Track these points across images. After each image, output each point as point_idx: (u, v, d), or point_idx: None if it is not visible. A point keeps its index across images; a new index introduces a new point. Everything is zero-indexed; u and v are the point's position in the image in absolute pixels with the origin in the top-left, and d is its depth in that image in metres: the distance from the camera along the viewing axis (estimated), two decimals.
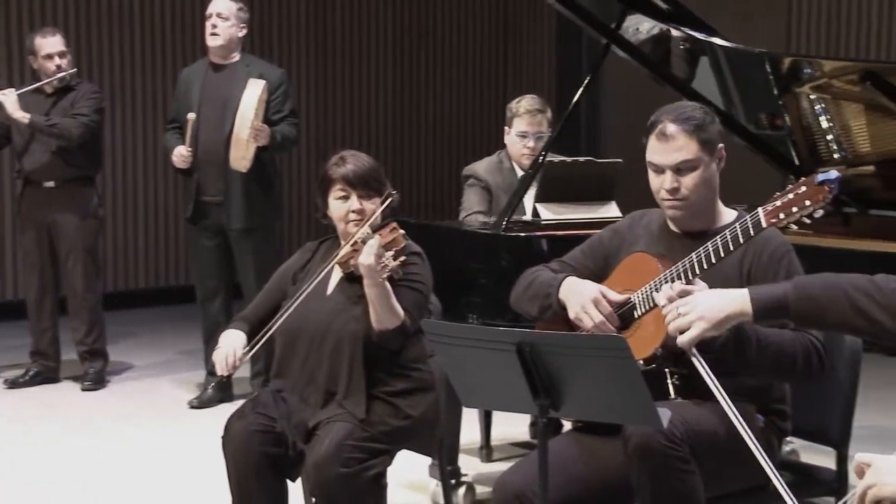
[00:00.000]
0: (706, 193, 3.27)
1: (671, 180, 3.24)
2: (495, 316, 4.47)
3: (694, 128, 3.24)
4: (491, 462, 5.24)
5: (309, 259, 3.87)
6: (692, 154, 3.23)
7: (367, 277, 3.53)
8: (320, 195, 3.80)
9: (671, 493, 3.00)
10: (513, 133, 5.20)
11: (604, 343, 2.80)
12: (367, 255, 3.49)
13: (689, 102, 3.38)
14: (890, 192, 5.19)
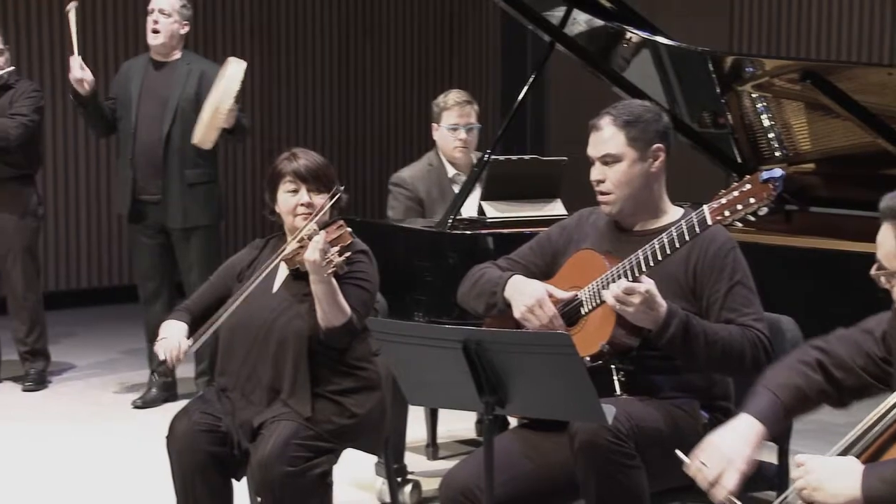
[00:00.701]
0: (634, 191, 3.29)
1: (598, 171, 3.31)
2: (441, 314, 4.47)
3: (624, 123, 3.27)
4: (437, 460, 5.24)
5: (256, 256, 3.85)
6: (617, 148, 3.27)
7: (312, 273, 3.52)
8: (269, 190, 3.78)
9: (616, 489, 3.02)
10: (442, 128, 5.22)
11: (549, 340, 2.81)
12: (313, 250, 3.49)
13: (641, 101, 3.41)
14: (830, 190, 5.25)
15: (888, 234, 2.39)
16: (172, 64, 6.11)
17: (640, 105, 3.35)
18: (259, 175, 9.59)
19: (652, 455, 3.07)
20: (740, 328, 3.15)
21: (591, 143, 3.32)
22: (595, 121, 3.32)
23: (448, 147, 5.22)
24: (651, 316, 3.07)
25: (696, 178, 5.83)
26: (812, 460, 2.35)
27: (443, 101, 5.26)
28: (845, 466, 2.30)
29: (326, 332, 3.57)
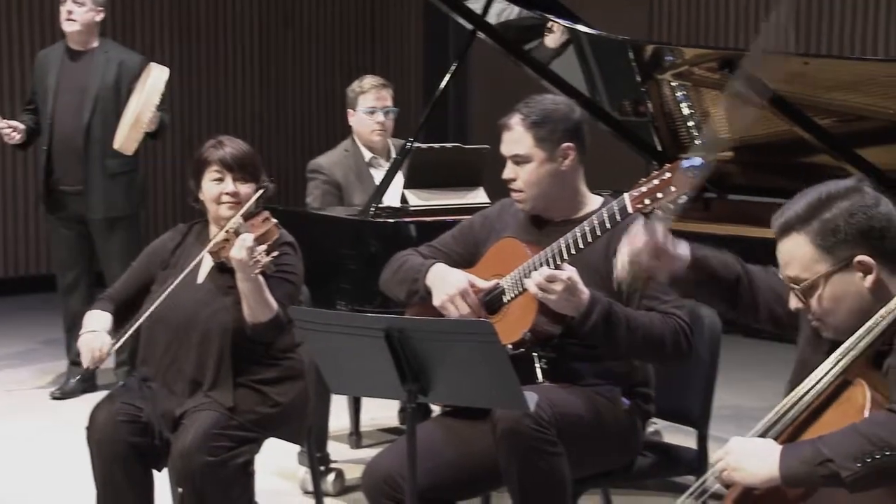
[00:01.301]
0: (545, 189, 3.32)
1: (509, 170, 3.33)
2: (364, 302, 4.47)
3: (532, 123, 3.28)
4: (360, 448, 5.24)
5: (179, 243, 3.81)
6: (525, 149, 3.29)
7: (239, 271, 3.50)
8: (194, 178, 3.74)
9: (539, 476, 3.04)
10: (359, 112, 5.21)
11: (471, 328, 2.81)
12: (239, 249, 3.45)
13: (553, 96, 3.41)
14: (748, 178, 5.31)
15: (799, 243, 2.40)
16: (90, 53, 6.03)
17: (551, 102, 3.36)
18: (179, 164, 9.50)
19: (574, 441, 3.10)
20: (661, 315, 3.19)
21: (503, 141, 3.34)
22: (505, 120, 3.34)
23: (366, 131, 5.21)
24: (573, 303, 3.09)
25: (617, 167, 5.86)
26: (733, 441, 2.38)
27: (358, 86, 5.25)
28: (764, 447, 2.34)
29: (253, 327, 3.54)
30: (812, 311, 2.42)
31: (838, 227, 2.36)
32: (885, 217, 2.38)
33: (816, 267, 2.39)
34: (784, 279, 2.45)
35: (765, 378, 6.22)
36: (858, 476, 2.19)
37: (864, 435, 2.19)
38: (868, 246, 2.36)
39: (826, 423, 2.33)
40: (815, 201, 2.40)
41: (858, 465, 2.18)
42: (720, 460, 2.40)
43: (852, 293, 2.37)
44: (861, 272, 2.36)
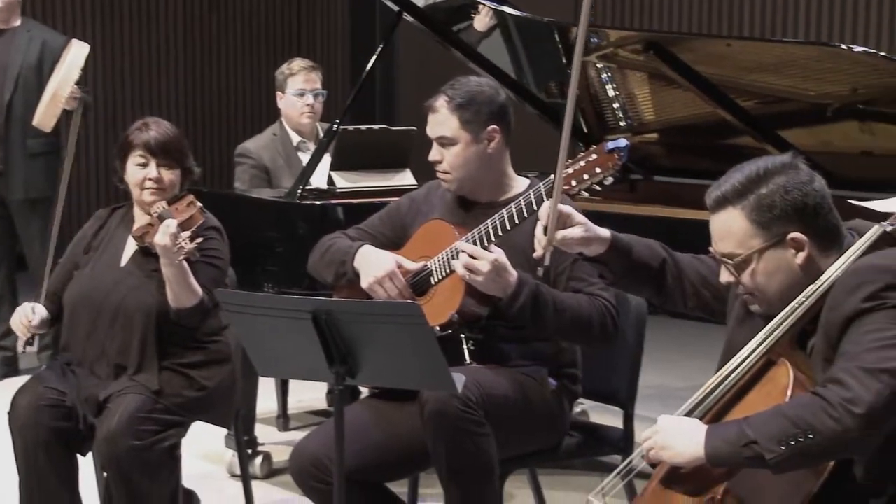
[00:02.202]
0: (471, 171, 3.32)
1: (435, 152, 3.34)
2: (292, 284, 4.45)
3: (457, 106, 3.28)
4: (288, 431, 5.23)
5: (101, 226, 3.77)
6: (450, 131, 3.29)
7: (162, 257, 3.46)
8: (119, 159, 3.70)
9: (466, 457, 3.05)
10: (288, 94, 5.19)
11: (399, 310, 2.81)
12: (163, 235, 3.42)
13: (478, 78, 3.40)
14: (672, 159, 5.36)
15: (734, 217, 2.40)
16: (12, 31, 5.94)
17: (476, 84, 3.35)
18: (102, 145, 9.39)
19: (501, 422, 3.11)
20: (588, 297, 3.20)
21: (429, 123, 3.34)
22: (431, 101, 3.34)
23: (295, 114, 5.19)
24: (501, 285, 3.10)
25: (543, 148, 5.87)
26: (661, 420, 2.41)
27: (287, 69, 5.23)
28: (691, 427, 2.36)
29: (177, 312, 3.51)
30: (744, 285, 2.43)
31: (774, 202, 2.37)
32: (818, 194, 2.40)
33: (751, 242, 2.40)
34: (716, 254, 2.47)
35: (690, 358, 6.31)
36: (782, 458, 2.21)
37: (789, 417, 2.22)
38: (801, 223, 2.38)
39: (750, 402, 2.36)
40: (753, 176, 2.40)
41: (782, 448, 2.20)
42: (647, 439, 2.42)
43: (784, 269, 2.39)
44: (794, 249, 2.38)
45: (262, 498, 4.28)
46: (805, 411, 2.21)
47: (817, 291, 2.35)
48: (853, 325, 2.25)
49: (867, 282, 2.26)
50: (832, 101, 4.63)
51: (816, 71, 4.58)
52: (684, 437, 2.35)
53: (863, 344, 2.21)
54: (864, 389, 2.17)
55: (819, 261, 2.38)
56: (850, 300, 2.26)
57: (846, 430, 2.17)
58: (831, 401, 2.18)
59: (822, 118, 4.69)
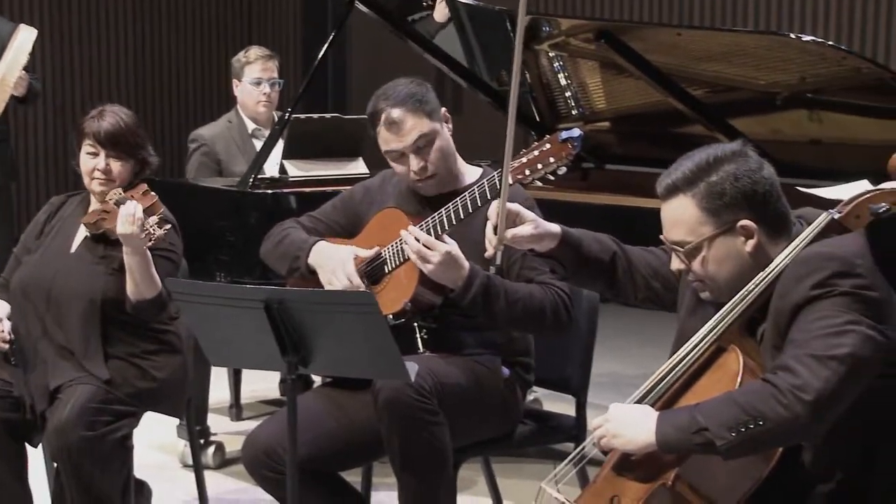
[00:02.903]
0: (448, 160, 3.32)
1: (416, 161, 3.27)
2: (244, 274, 4.43)
3: (417, 104, 3.26)
4: (241, 420, 5.22)
5: (53, 213, 3.74)
6: (426, 128, 3.26)
7: (127, 245, 3.42)
8: (76, 145, 3.66)
9: (420, 446, 3.06)
10: (245, 83, 5.17)
11: (351, 299, 2.81)
12: (128, 224, 3.38)
13: (399, 80, 3.35)
14: (624, 147, 5.39)
15: (685, 205, 2.41)
16: None
17: (406, 83, 3.31)
18: (52, 133, 9.31)
19: (455, 411, 3.11)
20: (541, 287, 3.21)
21: (396, 137, 3.25)
22: (385, 117, 3.25)
23: (251, 102, 5.17)
24: (453, 276, 3.10)
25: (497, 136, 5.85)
26: (612, 408, 2.42)
27: (244, 57, 5.21)
28: (641, 414, 2.38)
29: (136, 305, 3.48)
30: (694, 273, 2.45)
31: (724, 190, 2.39)
32: (768, 182, 2.42)
33: (701, 229, 2.41)
34: (667, 242, 2.48)
35: (642, 346, 6.34)
36: (732, 445, 2.23)
37: (739, 404, 2.23)
38: (751, 210, 2.39)
39: (701, 388, 2.38)
40: (703, 163, 2.42)
41: (733, 435, 2.22)
42: (598, 427, 2.43)
43: (734, 256, 2.41)
44: (743, 236, 2.40)
45: (214, 488, 4.26)
46: (755, 398, 2.23)
47: (766, 279, 2.37)
48: (802, 312, 2.27)
49: (816, 270, 2.28)
50: (781, 90, 4.66)
51: (765, 60, 4.62)
52: (635, 424, 2.36)
53: (811, 331, 2.23)
54: (813, 376, 2.19)
55: (768, 248, 2.40)
56: (798, 288, 2.28)
57: (795, 416, 2.19)
58: (781, 388, 2.20)
59: (772, 107, 4.72)
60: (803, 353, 2.22)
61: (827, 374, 2.20)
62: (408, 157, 3.27)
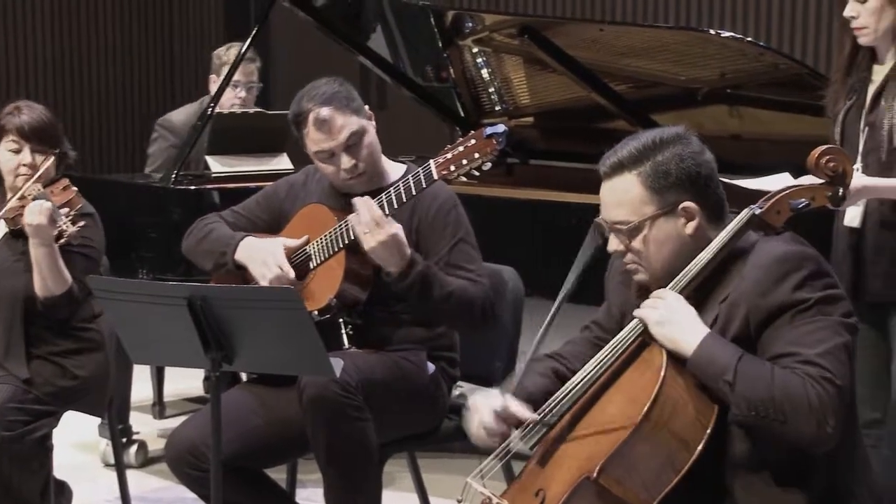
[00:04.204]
0: (376, 157, 3.32)
1: (348, 160, 3.25)
2: (167, 271, 4.40)
3: (344, 102, 3.25)
4: (164, 419, 5.17)
5: None
6: (356, 126, 3.25)
7: (33, 237, 3.38)
8: None
9: (346, 441, 3.05)
10: (221, 82, 5.10)
11: (275, 295, 2.80)
12: (35, 214, 3.33)
13: (319, 81, 3.34)
14: (548, 143, 5.41)
15: (630, 183, 2.41)
16: None
17: (328, 82, 3.29)
18: None
19: (380, 406, 3.11)
20: (470, 282, 3.22)
21: (326, 137, 3.23)
22: (313, 117, 3.23)
23: (225, 103, 5.09)
24: (395, 258, 3.09)
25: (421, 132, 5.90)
26: (672, 296, 2.38)
27: (225, 56, 5.10)
28: (694, 319, 2.35)
29: (45, 301, 3.44)
30: (634, 252, 2.45)
31: (669, 170, 2.40)
32: (709, 165, 2.43)
33: (644, 209, 2.41)
34: (606, 222, 2.47)
35: (566, 339, 6.37)
36: (744, 419, 2.26)
37: (773, 393, 2.23)
38: (694, 192, 2.41)
39: (626, 382, 2.39)
40: (649, 143, 2.42)
41: (752, 413, 2.25)
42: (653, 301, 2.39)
43: (674, 238, 2.42)
44: (685, 218, 2.41)
45: (136, 487, 4.22)
46: (788, 401, 2.23)
47: (692, 273, 2.39)
48: (787, 317, 2.29)
49: (794, 269, 2.31)
50: (702, 86, 4.72)
51: (686, 56, 4.67)
52: (686, 323, 2.34)
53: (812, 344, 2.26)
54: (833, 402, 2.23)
55: (708, 232, 2.42)
56: (781, 288, 2.30)
57: (815, 436, 2.23)
58: (815, 408, 2.22)
59: (693, 102, 4.78)
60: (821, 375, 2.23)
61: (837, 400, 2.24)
62: (338, 156, 3.25)
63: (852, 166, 2.53)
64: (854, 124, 3.47)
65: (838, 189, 2.47)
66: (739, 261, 2.39)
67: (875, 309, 3.43)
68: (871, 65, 3.47)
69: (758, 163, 4.46)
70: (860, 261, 3.45)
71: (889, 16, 3.37)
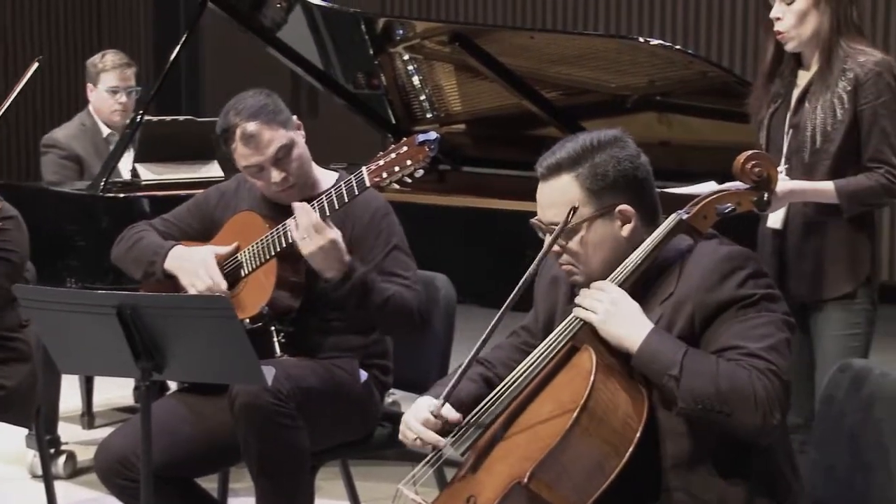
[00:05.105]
0: (306, 167, 3.31)
1: (277, 173, 3.24)
2: (96, 279, 4.36)
3: (271, 115, 3.24)
4: (93, 429, 5.12)
5: None
6: (284, 139, 3.24)
7: None
8: None
9: (278, 450, 3.04)
10: (100, 89, 5.09)
11: (207, 303, 2.78)
12: None
13: (246, 93, 3.32)
14: (479, 150, 5.43)
15: (568, 184, 2.42)
16: None
17: (254, 95, 3.28)
18: None
19: (312, 414, 3.10)
20: (406, 287, 3.22)
21: (253, 151, 3.21)
22: (240, 132, 3.21)
23: (106, 110, 5.09)
24: (333, 263, 3.08)
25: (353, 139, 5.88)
26: (617, 291, 2.38)
27: (101, 63, 5.12)
28: (639, 314, 2.36)
29: None
30: (570, 253, 2.46)
31: (607, 172, 2.41)
32: (645, 168, 2.46)
33: (582, 210, 2.42)
34: (542, 223, 2.47)
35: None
36: (690, 412, 2.28)
37: (718, 387, 2.25)
38: (631, 195, 2.43)
39: (556, 387, 2.41)
40: (587, 145, 2.44)
41: (699, 407, 2.26)
42: (595, 293, 2.39)
43: (609, 240, 2.43)
44: (621, 221, 2.43)
45: (65, 498, 4.18)
46: (733, 394, 2.25)
47: (620, 278, 2.41)
48: (731, 312, 2.32)
49: (739, 267, 2.34)
50: (631, 93, 4.76)
51: (616, 63, 4.71)
52: (630, 318, 2.35)
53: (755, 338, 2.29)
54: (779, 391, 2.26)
55: (643, 235, 2.44)
56: (726, 285, 2.33)
57: (760, 428, 2.25)
58: (760, 400, 2.24)
59: (623, 109, 4.82)
60: (767, 368, 2.26)
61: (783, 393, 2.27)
62: (267, 170, 3.24)
63: (777, 171, 2.56)
64: (779, 127, 3.52)
65: (763, 194, 2.51)
66: (678, 263, 2.41)
67: (797, 311, 3.49)
68: (796, 71, 3.52)
69: (686, 169, 4.51)
70: (783, 263, 3.50)
71: (813, 21, 3.42)
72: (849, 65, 3.39)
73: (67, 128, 5.14)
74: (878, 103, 3.38)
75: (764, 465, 2.38)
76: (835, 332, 3.48)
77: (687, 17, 8.21)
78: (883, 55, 3.45)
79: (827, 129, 3.41)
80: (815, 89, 3.44)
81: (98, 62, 5.12)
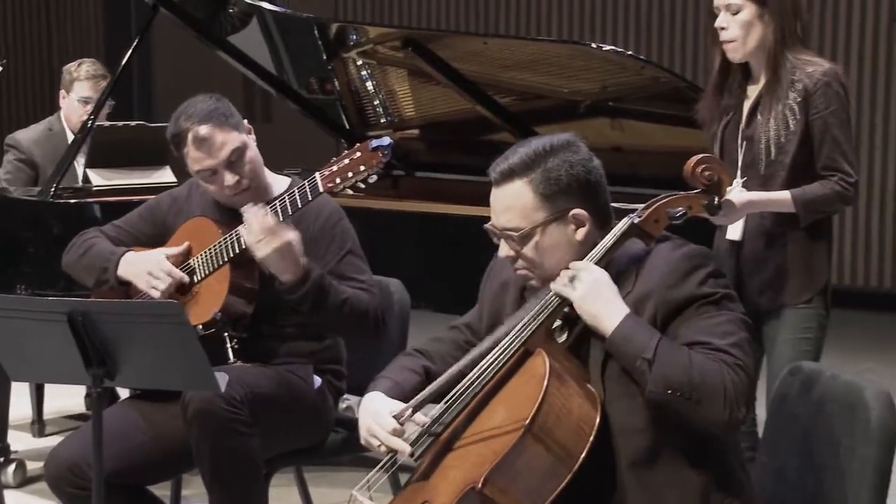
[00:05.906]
0: (259, 169, 3.30)
1: (231, 176, 3.23)
2: (46, 286, 4.32)
3: (222, 118, 3.23)
4: (44, 437, 5.08)
5: None
6: (237, 142, 3.23)
7: None
8: None
9: (231, 456, 3.03)
10: (72, 98, 5.06)
11: (159, 310, 2.76)
12: None
13: (196, 98, 3.30)
14: (433, 155, 5.44)
15: (521, 190, 2.42)
16: None
17: (204, 100, 3.27)
18: None
19: (266, 421, 3.09)
20: (363, 290, 3.22)
21: (205, 155, 3.20)
22: (192, 136, 3.20)
23: (76, 119, 5.06)
24: (289, 266, 3.07)
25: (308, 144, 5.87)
26: (598, 272, 2.39)
27: (76, 72, 5.09)
28: (616, 297, 2.37)
29: None
30: (525, 258, 2.46)
31: (560, 177, 2.42)
32: (598, 172, 2.47)
33: (535, 215, 2.42)
34: (496, 228, 2.48)
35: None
36: (659, 399, 2.28)
37: (691, 378, 2.26)
38: (584, 198, 2.43)
39: (510, 391, 2.41)
40: (539, 150, 2.44)
41: (668, 392, 2.27)
42: (576, 270, 2.39)
43: (564, 245, 2.44)
44: (574, 225, 2.43)
45: None
46: (706, 386, 2.26)
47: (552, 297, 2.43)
48: (693, 309, 2.34)
49: (700, 266, 2.37)
50: (584, 98, 4.78)
51: (569, 69, 4.73)
52: (607, 301, 2.36)
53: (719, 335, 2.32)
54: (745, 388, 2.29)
55: (597, 238, 2.45)
56: (688, 282, 2.35)
57: (726, 421, 2.27)
58: (729, 393, 2.26)
59: (576, 115, 4.84)
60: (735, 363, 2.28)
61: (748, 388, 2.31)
62: (221, 174, 3.22)
63: (728, 175, 2.58)
64: (733, 139, 3.55)
65: (714, 197, 2.53)
66: (634, 266, 2.43)
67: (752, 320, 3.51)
68: (744, 84, 3.55)
69: (639, 174, 4.54)
70: (739, 272, 3.53)
71: (757, 32, 3.45)
72: (797, 76, 3.43)
73: (33, 130, 5.10)
74: (828, 112, 3.41)
75: (718, 461, 2.40)
76: (788, 335, 3.51)
77: (639, 24, 8.26)
78: (830, 64, 3.49)
79: (781, 140, 3.44)
80: (765, 101, 3.47)
81: (73, 70, 5.09)
